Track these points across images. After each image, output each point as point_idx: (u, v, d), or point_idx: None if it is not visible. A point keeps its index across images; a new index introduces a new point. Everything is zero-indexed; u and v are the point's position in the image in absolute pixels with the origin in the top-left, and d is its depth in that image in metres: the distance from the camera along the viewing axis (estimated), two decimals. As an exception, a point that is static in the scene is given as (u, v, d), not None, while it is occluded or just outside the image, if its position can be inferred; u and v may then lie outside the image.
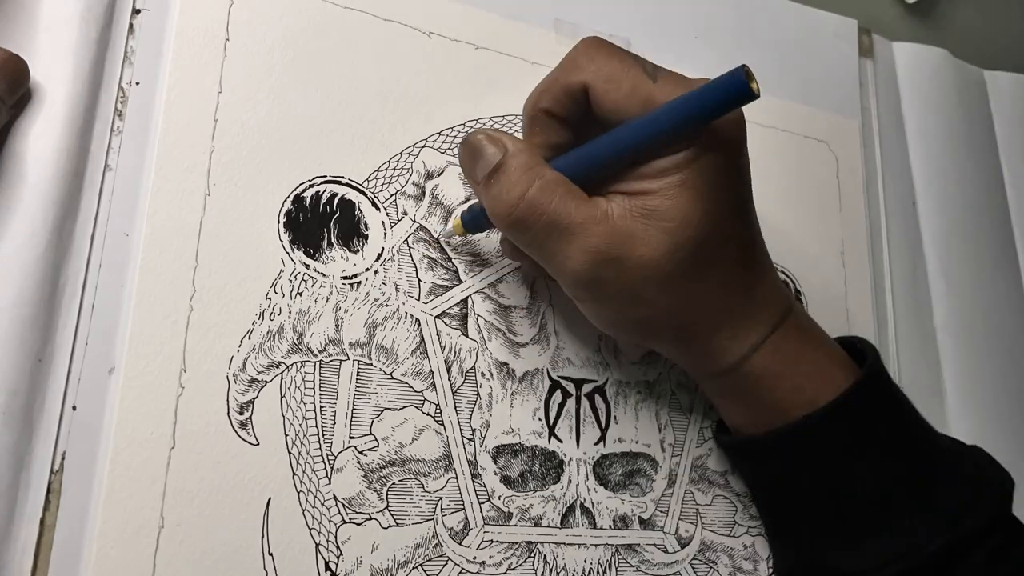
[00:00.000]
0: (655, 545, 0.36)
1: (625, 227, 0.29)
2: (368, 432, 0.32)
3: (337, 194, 0.34)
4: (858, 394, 0.33)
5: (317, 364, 0.32)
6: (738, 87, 0.27)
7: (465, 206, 0.36)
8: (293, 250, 0.33)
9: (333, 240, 0.34)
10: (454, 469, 0.34)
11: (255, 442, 0.30)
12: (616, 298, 0.31)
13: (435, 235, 0.35)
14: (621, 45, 0.42)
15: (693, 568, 0.37)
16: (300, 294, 0.32)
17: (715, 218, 0.30)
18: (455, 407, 0.34)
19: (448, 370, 0.34)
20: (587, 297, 0.32)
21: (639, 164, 0.30)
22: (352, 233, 0.34)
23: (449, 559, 0.33)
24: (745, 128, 0.31)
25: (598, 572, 0.35)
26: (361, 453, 0.32)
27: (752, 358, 0.32)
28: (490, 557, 0.33)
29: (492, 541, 0.34)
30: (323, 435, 0.32)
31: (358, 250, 0.34)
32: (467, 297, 0.36)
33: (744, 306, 0.32)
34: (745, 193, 0.32)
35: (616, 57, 0.31)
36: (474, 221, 0.34)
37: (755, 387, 0.33)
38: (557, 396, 0.36)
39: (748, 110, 0.45)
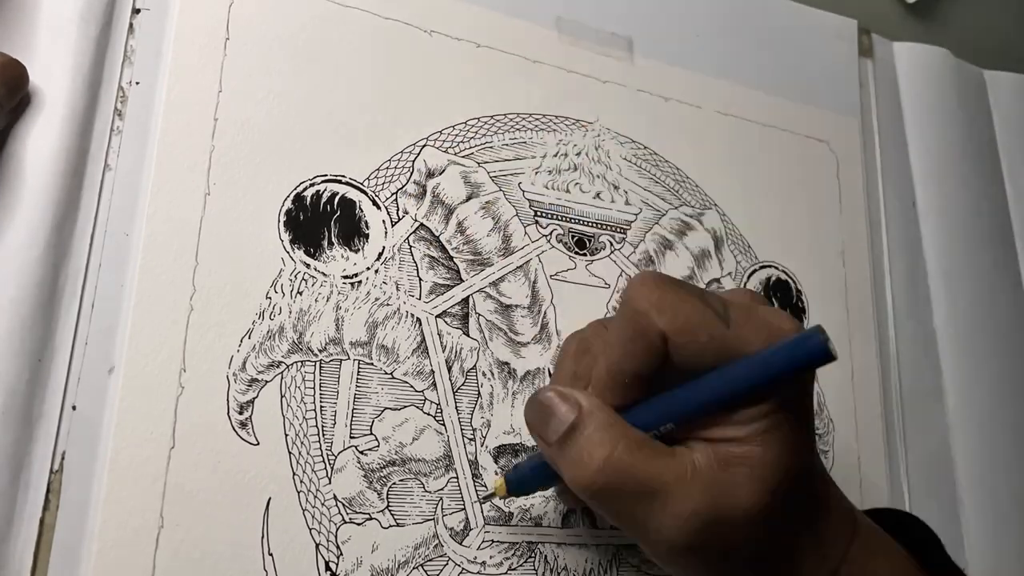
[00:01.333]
0: (656, 545, 0.36)
1: (716, 480, 0.27)
2: (369, 432, 0.32)
3: (338, 193, 0.34)
4: None
5: (317, 364, 0.32)
6: (819, 352, 0.26)
7: (476, 298, 0.35)
8: (293, 249, 0.33)
9: (334, 239, 0.33)
10: (455, 469, 0.34)
11: (255, 442, 0.30)
12: (717, 559, 0.28)
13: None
14: (623, 45, 0.43)
15: (694, 568, 0.37)
16: (300, 293, 0.32)
17: (799, 456, 0.28)
18: (456, 407, 0.34)
19: (449, 369, 0.34)
20: (686, 564, 0.28)
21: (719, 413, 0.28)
22: (353, 232, 0.34)
23: (450, 559, 0.33)
24: (813, 377, 0.30)
25: (599, 572, 0.35)
26: (361, 453, 0.32)
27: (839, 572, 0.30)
28: (491, 557, 0.33)
29: (493, 541, 0.33)
30: (323, 435, 0.32)
31: (359, 249, 0.34)
32: (468, 296, 0.36)
33: (821, 528, 0.30)
34: (812, 421, 0.30)
35: (688, 302, 0.28)
36: (521, 483, 0.32)
37: None
38: (558, 396, 0.36)
39: (750, 110, 0.45)
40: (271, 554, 0.30)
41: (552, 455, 0.29)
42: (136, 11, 0.33)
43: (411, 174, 0.36)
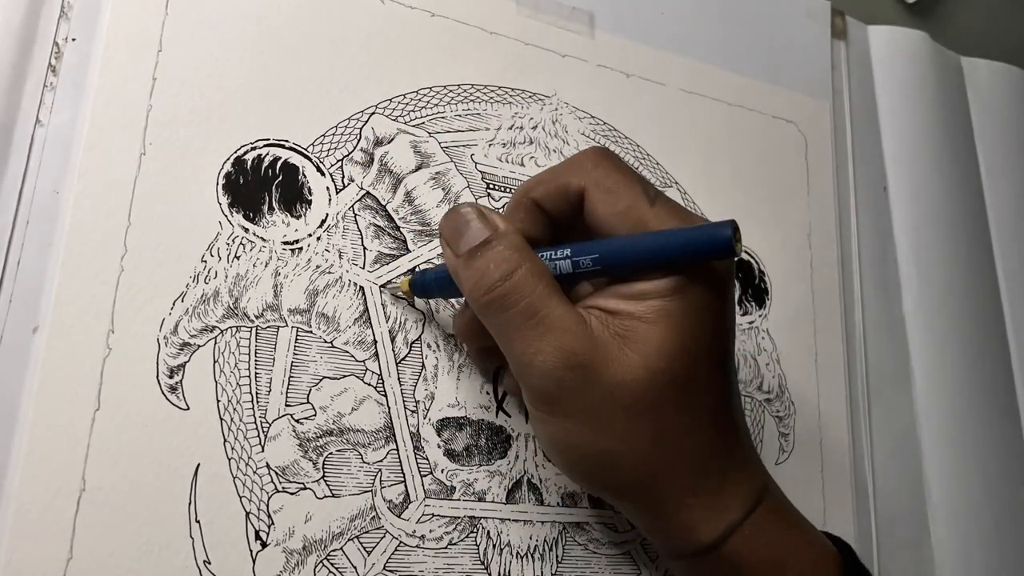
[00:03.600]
0: (604, 524, 0.36)
1: (602, 340, 0.28)
2: (305, 400, 0.32)
3: (280, 158, 0.33)
4: None
5: (253, 330, 0.31)
6: (722, 243, 0.26)
7: (415, 267, 0.35)
8: (232, 213, 0.32)
9: (274, 204, 0.33)
10: (395, 441, 0.33)
11: (185, 407, 0.30)
12: (577, 415, 0.28)
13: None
14: (584, 20, 0.42)
15: (644, 548, 0.36)
16: (238, 258, 0.32)
17: (692, 357, 0.28)
18: (399, 378, 0.33)
19: (392, 340, 0.34)
20: (545, 409, 0.29)
21: (619, 282, 0.29)
22: (295, 198, 0.33)
23: (387, 532, 0.32)
24: (732, 278, 0.29)
25: (544, 549, 0.34)
26: (297, 421, 0.31)
27: (732, 539, 0.29)
28: (430, 531, 0.32)
29: (433, 515, 0.33)
30: (257, 402, 0.31)
31: (300, 215, 0.33)
32: (415, 267, 0.35)
33: (720, 472, 0.29)
34: (725, 342, 0.30)
35: (621, 172, 0.30)
36: (425, 287, 0.32)
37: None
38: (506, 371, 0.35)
39: (716, 88, 0.44)
40: (198, 521, 0.29)
41: (457, 267, 0.29)
42: (76, -31, 0.32)
43: (358, 141, 0.35)
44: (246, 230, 0.32)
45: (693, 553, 0.29)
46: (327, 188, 0.34)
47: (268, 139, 0.33)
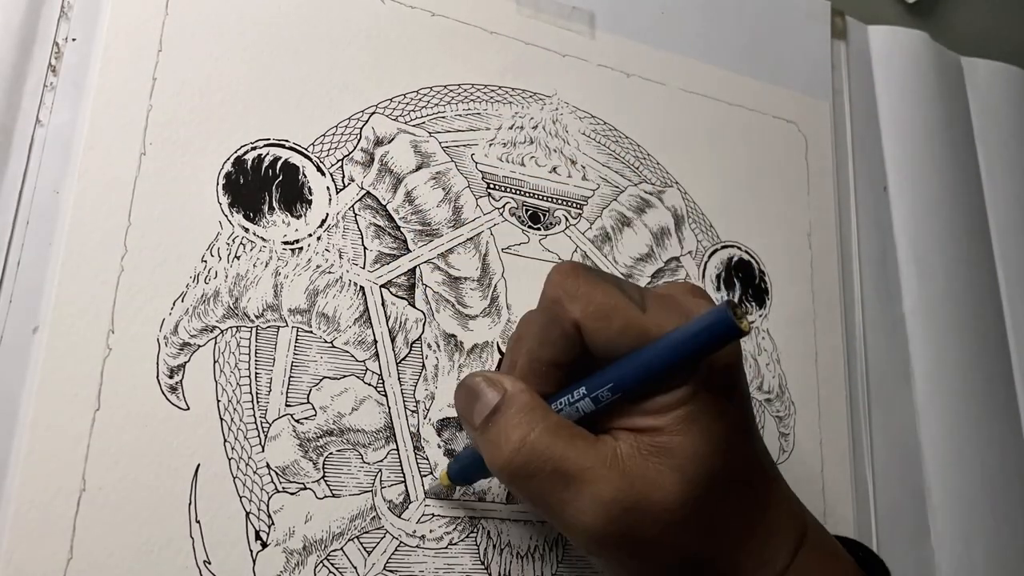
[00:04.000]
0: (605, 524, 0.36)
1: (637, 469, 0.27)
2: (305, 400, 0.32)
3: (280, 157, 0.33)
4: None
5: (253, 330, 0.31)
6: (726, 328, 0.25)
7: (423, 269, 0.35)
8: (232, 213, 0.32)
9: (275, 204, 0.33)
10: (395, 441, 0.33)
11: (185, 407, 0.30)
12: (635, 546, 0.27)
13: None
14: (585, 20, 0.42)
15: (644, 548, 0.36)
16: (238, 258, 0.32)
17: (724, 447, 0.28)
18: (399, 378, 0.33)
19: (392, 340, 0.34)
20: (606, 554, 0.28)
21: (640, 400, 0.28)
22: (295, 198, 0.33)
23: (387, 532, 0.32)
24: (740, 352, 0.29)
25: (544, 549, 0.34)
26: (297, 421, 0.31)
27: None
28: (430, 531, 0.32)
29: (433, 515, 0.33)
30: (257, 402, 0.31)
31: (301, 215, 0.33)
32: (415, 267, 0.35)
33: (763, 529, 0.29)
34: (748, 413, 0.30)
35: (600, 289, 0.28)
36: (463, 473, 0.32)
37: None
38: (507, 370, 0.35)
39: (716, 88, 0.44)
40: (198, 521, 0.29)
41: (476, 439, 0.29)
42: (76, -31, 0.32)
43: (358, 141, 0.35)
44: (246, 230, 0.32)
45: None
46: (327, 188, 0.34)
47: (268, 139, 0.33)
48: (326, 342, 0.32)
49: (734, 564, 0.29)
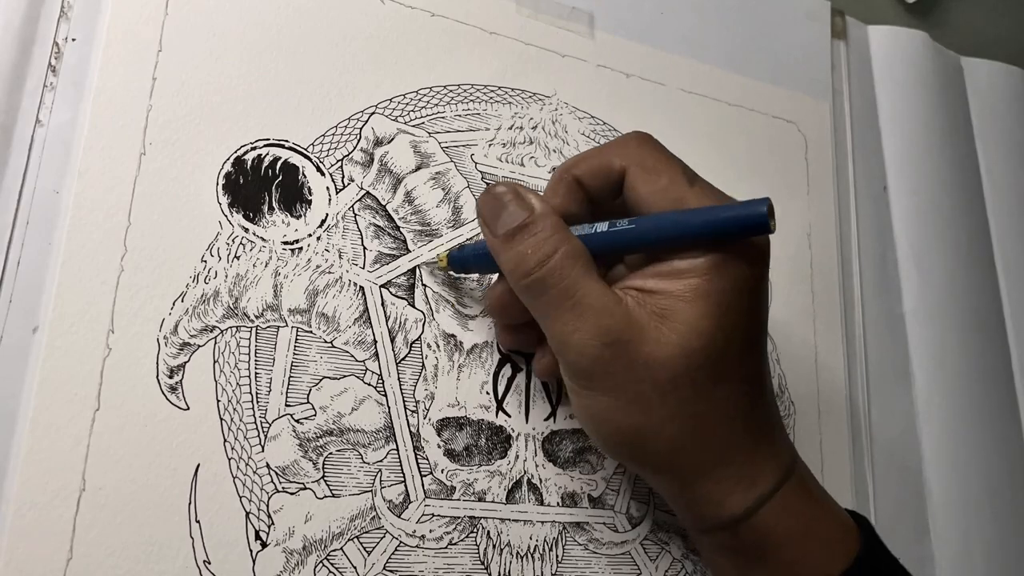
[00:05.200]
0: (605, 524, 0.36)
1: (639, 319, 0.28)
2: (305, 400, 0.32)
3: (280, 158, 0.33)
4: (868, 565, 0.31)
5: (253, 330, 0.31)
6: (757, 219, 0.27)
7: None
8: (232, 213, 0.32)
9: (274, 204, 0.33)
10: (395, 441, 0.33)
11: (185, 407, 0.30)
12: (613, 391, 0.29)
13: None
14: (584, 20, 0.42)
15: (644, 548, 0.36)
16: (238, 258, 0.32)
17: (727, 335, 0.28)
18: (398, 378, 0.33)
19: (392, 340, 0.34)
20: (583, 384, 0.29)
21: (656, 260, 0.29)
22: (295, 198, 0.33)
23: (387, 532, 0.32)
24: (767, 258, 0.30)
25: (544, 549, 0.34)
26: (297, 421, 0.31)
27: (761, 512, 0.29)
28: (430, 531, 0.32)
29: (433, 515, 0.33)
30: (257, 402, 0.31)
31: (301, 215, 0.33)
32: (415, 267, 0.35)
33: (752, 446, 0.29)
34: (759, 321, 0.30)
35: (662, 153, 0.31)
36: (464, 262, 0.33)
37: (762, 547, 0.30)
38: (507, 370, 0.35)
39: (716, 88, 0.44)
40: (198, 521, 0.29)
41: (496, 248, 0.30)
42: (76, -31, 0.32)
43: (358, 141, 0.35)
44: (246, 230, 0.32)
45: (722, 526, 0.30)
46: (327, 188, 0.34)
47: (268, 139, 0.33)
48: (326, 342, 0.32)
49: (712, 468, 0.29)
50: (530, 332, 0.33)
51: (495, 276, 0.34)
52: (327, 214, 0.34)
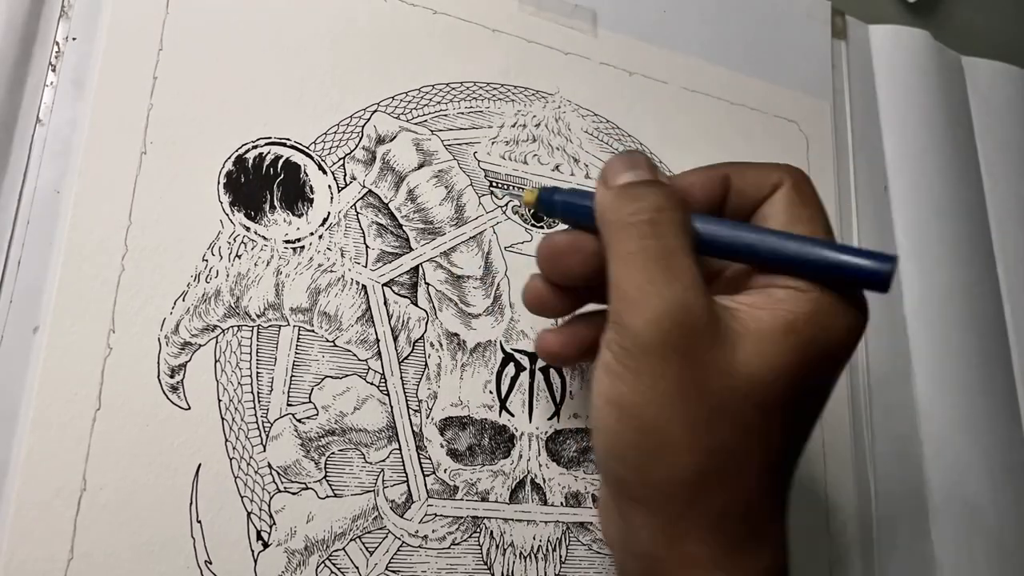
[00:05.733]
0: (607, 524, 0.35)
1: (721, 319, 0.25)
2: (307, 400, 0.31)
3: (282, 156, 0.33)
4: None
5: (255, 329, 0.31)
6: (882, 275, 0.25)
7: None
8: (233, 212, 0.32)
9: (276, 203, 0.33)
10: (398, 440, 0.33)
11: (186, 406, 0.29)
12: (660, 380, 0.25)
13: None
14: (587, 18, 0.42)
15: (646, 548, 0.36)
16: (239, 257, 0.31)
17: (794, 384, 0.25)
18: (401, 377, 0.33)
19: (395, 339, 0.34)
20: (631, 360, 0.25)
21: (751, 286, 0.27)
22: (297, 196, 0.33)
23: (389, 532, 0.32)
24: (862, 332, 0.26)
25: (547, 549, 0.34)
26: (299, 421, 0.31)
27: None
28: (433, 531, 0.32)
29: (436, 515, 0.33)
30: (259, 401, 0.31)
31: (302, 214, 0.33)
32: (418, 265, 0.35)
33: (759, 525, 0.26)
34: (827, 393, 0.27)
35: (816, 192, 0.29)
36: (551, 206, 0.30)
37: None
38: (510, 369, 0.35)
39: (718, 87, 0.44)
40: (199, 521, 0.29)
41: (606, 197, 0.27)
42: (76, -34, 0.32)
43: (360, 139, 0.35)
44: (247, 229, 0.32)
45: None
46: (329, 186, 0.34)
47: (269, 137, 0.33)
48: (328, 341, 0.32)
49: (710, 519, 0.25)
50: (565, 299, 0.31)
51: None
52: (329, 212, 0.33)
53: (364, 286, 0.33)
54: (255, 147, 0.33)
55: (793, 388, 0.25)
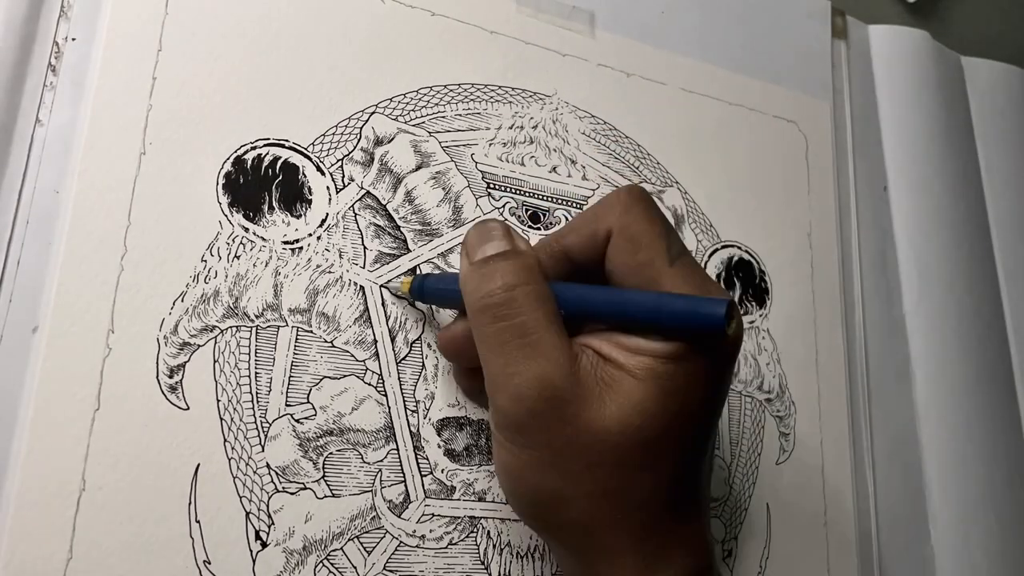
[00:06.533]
0: (605, 524, 0.36)
1: (585, 382, 0.27)
2: (305, 400, 0.32)
3: (280, 157, 0.33)
4: None
5: (253, 329, 0.31)
6: (713, 321, 0.25)
7: (417, 267, 0.35)
8: (232, 213, 0.32)
9: (275, 204, 0.33)
10: (395, 440, 0.33)
11: (185, 407, 0.30)
12: (539, 448, 0.27)
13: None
14: (585, 19, 0.42)
15: (644, 548, 0.36)
16: (238, 257, 0.32)
17: (669, 423, 0.27)
18: (399, 378, 0.33)
19: (392, 340, 0.34)
20: (508, 435, 0.28)
21: (619, 331, 0.28)
22: (295, 198, 0.33)
23: (387, 532, 0.32)
24: (735, 357, 0.29)
25: (544, 549, 0.34)
26: (297, 421, 0.31)
27: None
28: (430, 531, 0.32)
29: (433, 515, 0.33)
30: (257, 402, 0.31)
31: (301, 215, 0.33)
32: (415, 267, 0.35)
33: (664, 540, 0.28)
34: (708, 417, 0.29)
35: (650, 220, 0.29)
36: (423, 292, 0.32)
37: None
38: (507, 370, 0.35)
39: (716, 88, 0.44)
40: (198, 521, 0.29)
41: (465, 271, 0.29)
42: (76, -32, 0.32)
43: (358, 141, 0.35)
44: (246, 229, 0.32)
45: None
46: (327, 187, 0.34)
47: (268, 139, 0.33)
48: (326, 342, 0.32)
49: (620, 549, 0.27)
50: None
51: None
52: (327, 214, 0.34)
53: (362, 287, 0.34)
54: (254, 148, 0.33)
55: (664, 427, 0.27)
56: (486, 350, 0.28)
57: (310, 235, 0.33)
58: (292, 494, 0.31)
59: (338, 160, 0.34)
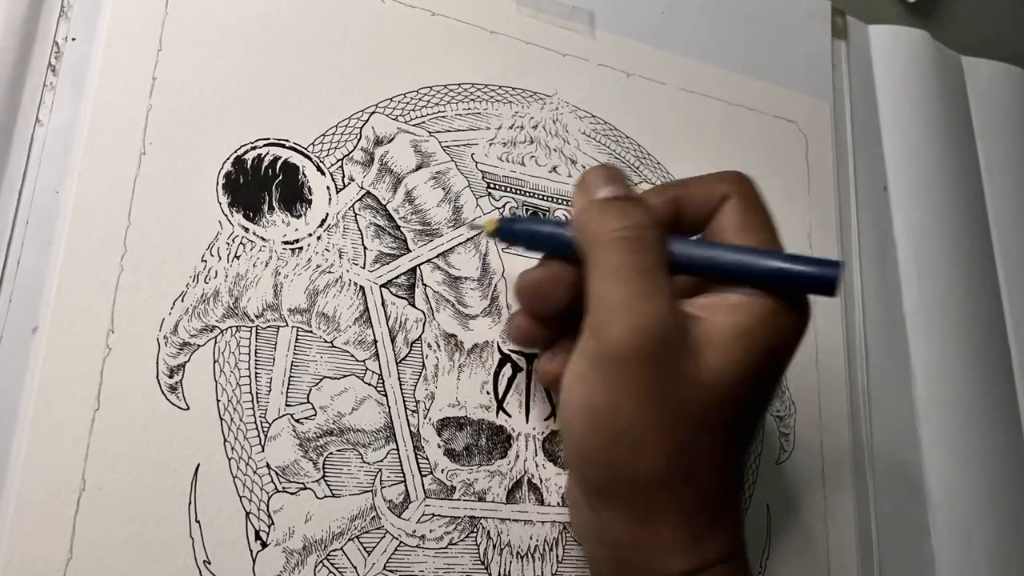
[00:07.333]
0: (604, 524, 0.36)
1: (691, 330, 0.28)
2: (305, 400, 0.32)
3: (280, 157, 0.33)
4: None
5: (253, 329, 0.31)
6: (828, 280, 0.28)
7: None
8: (232, 213, 0.32)
9: (275, 204, 0.33)
10: (395, 440, 0.33)
11: (185, 407, 0.30)
12: (632, 387, 0.27)
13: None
14: (585, 19, 0.42)
15: (644, 548, 0.36)
16: (238, 257, 0.32)
17: (751, 383, 0.28)
18: (399, 378, 0.33)
19: (392, 340, 0.34)
20: (612, 369, 0.27)
21: (707, 292, 0.29)
22: (295, 198, 0.33)
23: (387, 532, 0.32)
24: (805, 329, 0.29)
25: (544, 549, 0.34)
26: (297, 421, 0.31)
27: None
28: (430, 531, 0.32)
29: (433, 515, 0.33)
30: (257, 402, 0.31)
31: (301, 215, 0.33)
32: (416, 267, 0.35)
33: (721, 508, 0.29)
34: (774, 385, 0.30)
35: (761, 198, 0.32)
36: (512, 235, 0.32)
37: None
38: (507, 370, 0.35)
39: (716, 88, 0.44)
40: (198, 521, 0.29)
41: (587, 209, 0.29)
42: (76, -32, 0.32)
43: (358, 141, 0.35)
44: (246, 230, 0.32)
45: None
46: (327, 187, 0.34)
47: (268, 139, 0.33)
48: (326, 342, 0.32)
49: (682, 510, 0.28)
50: (550, 327, 0.32)
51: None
52: (327, 214, 0.34)
53: (362, 287, 0.34)
54: (254, 148, 0.33)
55: (746, 388, 0.28)
56: (607, 282, 0.28)
57: (310, 235, 0.33)
58: (292, 494, 0.31)
59: (338, 160, 0.34)
